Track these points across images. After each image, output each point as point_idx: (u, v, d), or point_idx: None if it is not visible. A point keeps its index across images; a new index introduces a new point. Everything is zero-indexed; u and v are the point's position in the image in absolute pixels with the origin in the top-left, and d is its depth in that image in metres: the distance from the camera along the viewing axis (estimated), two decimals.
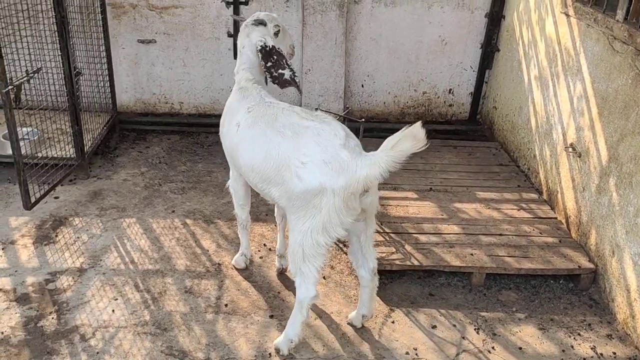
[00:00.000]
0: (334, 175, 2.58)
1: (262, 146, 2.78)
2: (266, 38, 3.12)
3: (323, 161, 2.60)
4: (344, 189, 2.58)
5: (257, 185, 2.93)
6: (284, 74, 3.14)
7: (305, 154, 2.63)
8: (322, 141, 2.64)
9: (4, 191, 4.17)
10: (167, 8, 5.08)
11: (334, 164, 2.58)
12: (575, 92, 3.89)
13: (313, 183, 2.60)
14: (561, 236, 3.80)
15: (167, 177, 4.53)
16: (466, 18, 5.32)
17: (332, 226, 2.65)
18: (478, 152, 5.01)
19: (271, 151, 2.74)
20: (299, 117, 2.77)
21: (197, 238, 3.81)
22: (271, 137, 2.75)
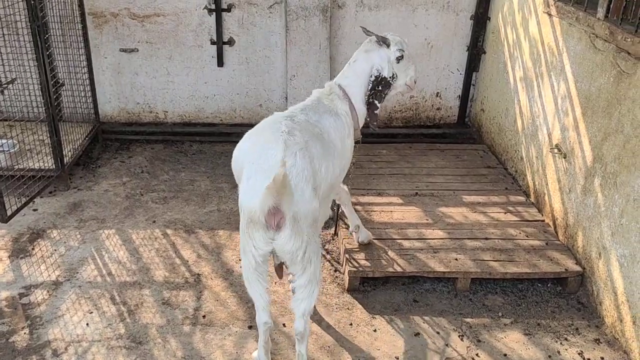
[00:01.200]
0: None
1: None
2: (384, 65, 3.11)
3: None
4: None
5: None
6: (376, 108, 3.14)
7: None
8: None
9: None
10: (149, 16, 5.04)
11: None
12: (559, 92, 3.82)
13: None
14: (548, 239, 3.72)
15: (149, 187, 4.46)
16: (451, 20, 5.27)
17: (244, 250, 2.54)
18: (465, 154, 4.94)
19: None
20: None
21: (177, 248, 3.74)
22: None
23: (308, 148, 2.56)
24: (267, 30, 5.16)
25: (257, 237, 2.40)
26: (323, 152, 2.68)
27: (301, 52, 5.15)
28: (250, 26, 5.14)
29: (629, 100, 3.06)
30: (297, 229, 2.39)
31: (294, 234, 2.39)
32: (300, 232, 2.40)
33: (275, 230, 2.37)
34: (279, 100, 5.42)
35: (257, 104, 5.45)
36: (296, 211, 2.36)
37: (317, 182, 2.55)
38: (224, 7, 5.03)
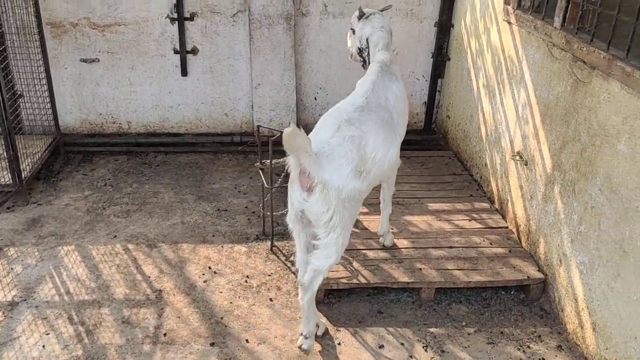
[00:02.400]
0: None
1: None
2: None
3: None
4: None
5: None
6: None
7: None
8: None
9: None
10: (110, 26, 4.95)
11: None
12: (520, 100, 3.86)
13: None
14: (511, 246, 3.75)
15: (112, 200, 4.38)
16: (415, 27, 5.29)
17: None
18: (431, 161, 4.96)
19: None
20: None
21: (139, 264, 3.67)
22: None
23: (364, 137, 2.87)
24: (231, 39, 5.11)
25: (294, 195, 2.81)
26: (385, 138, 3.00)
27: (266, 61, 5.11)
28: (213, 35, 5.08)
29: (585, 108, 3.09)
30: (325, 197, 2.72)
31: (321, 199, 2.73)
32: (327, 200, 2.73)
33: (307, 192, 2.74)
34: (244, 108, 5.38)
35: (223, 112, 5.39)
36: (327, 180, 2.70)
37: (365, 167, 2.86)
38: (187, 15, 4.97)
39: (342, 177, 2.74)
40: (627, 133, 2.73)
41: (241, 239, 3.98)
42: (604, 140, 2.92)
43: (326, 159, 2.71)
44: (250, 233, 4.05)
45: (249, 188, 4.67)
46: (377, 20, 3.50)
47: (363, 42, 3.52)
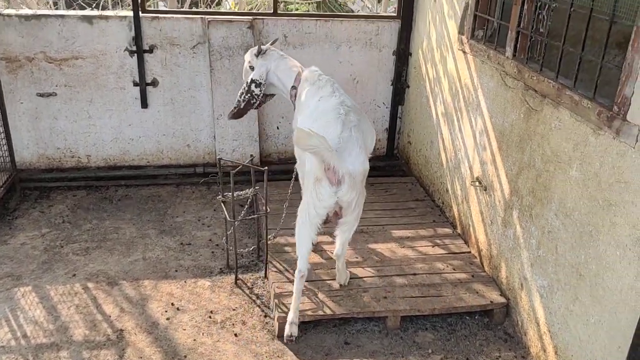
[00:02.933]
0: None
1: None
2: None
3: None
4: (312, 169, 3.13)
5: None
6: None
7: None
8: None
9: None
10: (67, 60, 4.88)
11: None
12: (477, 127, 3.95)
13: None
14: (474, 271, 3.79)
15: (70, 238, 4.27)
16: (375, 56, 5.38)
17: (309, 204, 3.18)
18: (394, 188, 5.01)
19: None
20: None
21: (99, 303, 3.57)
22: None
23: (360, 125, 3.28)
24: (191, 71, 5.10)
25: (325, 192, 3.09)
26: (367, 128, 3.42)
27: (227, 92, 5.11)
28: (174, 67, 5.07)
29: (539, 135, 3.18)
30: (353, 184, 3.09)
31: (350, 188, 3.08)
32: (355, 187, 3.11)
33: (337, 185, 3.05)
34: (207, 139, 5.35)
35: (185, 144, 5.35)
36: (351, 171, 3.04)
37: (367, 150, 3.29)
38: (146, 48, 4.95)
39: (360, 162, 3.14)
40: (578, 159, 2.82)
41: (205, 273, 3.92)
42: (557, 167, 3.00)
43: (345, 152, 3.08)
44: (214, 267, 4.00)
45: (212, 220, 4.62)
46: (275, 52, 4.06)
47: (263, 77, 3.96)
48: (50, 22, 4.77)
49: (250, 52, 4.08)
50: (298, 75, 3.88)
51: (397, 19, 5.28)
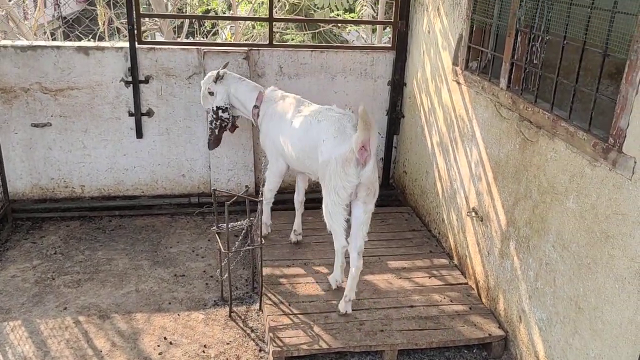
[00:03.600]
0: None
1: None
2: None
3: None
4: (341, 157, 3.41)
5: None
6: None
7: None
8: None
9: None
10: (62, 90, 4.89)
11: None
12: (472, 158, 3.94)
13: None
14: (472, 303, 3.75)
15: (62, 269, 4.21)
16: (370, 86, 5.41)
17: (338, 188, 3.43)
18: (391, 218, 4.98)
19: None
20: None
21: (90, 337, 3.50)
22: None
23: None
24: (187, 101, 5.11)
25: (351, 172, 3.38)
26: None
27: None
28: (169, 97, 5.08)
29: (535, 166, 3.18)
30: (374, 165, 3.44)
31: (373, 168, 3.42)
32: (375, 168, 3.47)
33: (362, 166, 3.37)
34: (202, 169, 5.33)
35: (180, 174, 5.33)
36: (373, 153, 3.36)
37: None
38: (142, 78, 4.96)
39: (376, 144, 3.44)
40: (575, 191, 2.81)
41: (199, 305, 3.86)
42: (554, 198, 2.99)
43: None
44: (208, 299, 3.94)
45: (207, 251, 4.57)
46: (232, 75, 4.35)
47: (226, 101, 4.29)
48: (46, 53, 4.79)
49: (209, 78, 4.30)
50: (259, 95, 4.26)
51: (392, 50, 5.33)
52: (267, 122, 4.18)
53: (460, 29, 4.15)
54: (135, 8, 4.77)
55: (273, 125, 4.12)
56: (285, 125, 4.01)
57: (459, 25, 4.16)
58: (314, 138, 3.71)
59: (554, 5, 3.10)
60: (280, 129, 4.05)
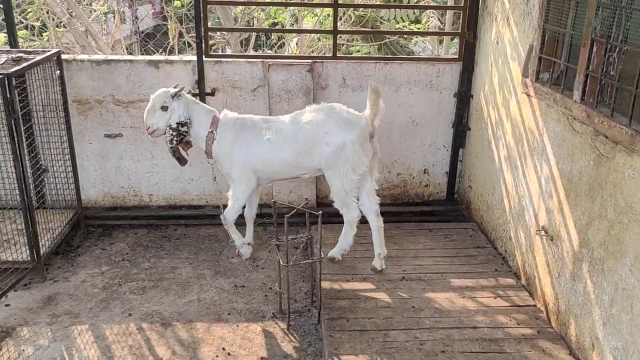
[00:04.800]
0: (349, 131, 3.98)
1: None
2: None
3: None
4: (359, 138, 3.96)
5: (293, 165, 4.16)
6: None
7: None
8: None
9: None
10: (133, 102, 5.07)
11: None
12: (542, 173, 3.76)
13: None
14: (540, 326, 3.55)
15: (128, 276, 4.33)
16: (435, 98, 5.30)
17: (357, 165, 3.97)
18: (455, 234, 4.83)
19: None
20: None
21: (152, 344, 3.57)
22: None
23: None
24: (251, 113, 5.16)
25: (367, 147, 4.02)
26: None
27: None
28: (234, 109, 5.10)
29: (610, 184, 2.98)
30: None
31: (375, 138, 4.11)
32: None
33: (372, 138, 4.07)
34: None
35: None
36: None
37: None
38: (208, 91, 5.07)
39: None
40: None
41: (257, 317, 3.87)
42: (632, 219, 2.79)
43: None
44: (267, 311, 3.94)
45: (267, 262, 4.59)
46: (188, 96, 4.29)
47: (186, 116, 4.17)
48: (120, 67, 4.99)
49: (164, 93, 4.16)
50: (214, 118, 4.22)
51: (459, 61, 5.20)
52: (229, 144, 4.18)
53: (530, 39, 3.98)
54: (203, 22, 4.89)
55: (240, 146, 4.16)
56: (260, 141, 4.13)
57: (530, 35, 4.00)
58: (309, 138, 4.02)
59: (632, 14, 2.92)
60: (253, 147, 4.14)
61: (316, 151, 4.04)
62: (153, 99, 4.18)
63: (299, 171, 4.22)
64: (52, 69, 4.54)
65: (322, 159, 4.04)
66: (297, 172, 4.25)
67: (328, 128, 4.00)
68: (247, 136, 4.16)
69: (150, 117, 4.20)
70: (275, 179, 4.46)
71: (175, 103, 4.14)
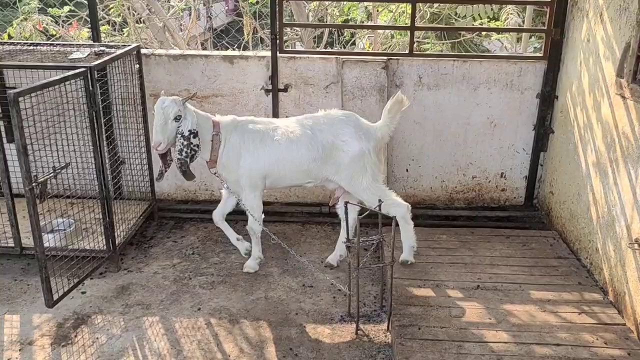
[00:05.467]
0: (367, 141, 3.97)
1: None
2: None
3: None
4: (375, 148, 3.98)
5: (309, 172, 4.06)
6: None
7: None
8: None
9: (34, 285, 4.12)
10: (208, 97, 5.11)
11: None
12: (638, 182, 3.47)
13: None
14: (630, 348, 3.28)
15: (198, 270, 4.36)
16: (516, 99, 5.04)
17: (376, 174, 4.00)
18: (533, 242, 4.57)
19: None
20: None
21: (220, 341, 3.56)
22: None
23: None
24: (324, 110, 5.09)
25: (382, 158, 4.17)
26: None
27: None
28: (306, 106, 5.10)
29: None
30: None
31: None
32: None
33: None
34: None
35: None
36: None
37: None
38: (281, 87, 5.04)
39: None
40: None
41: (325, 319, 3.79)
42: None
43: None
44: (335, 313, 3.85)
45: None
46: (187, 103, 3.94)
47: (195, 122, 3.85)
48: (195, 62, 5.03)
49: (176, 102, 3.78)
50: (215, 123, 3.99)
51: (543, 60, 4.91)
52: (236, 150, 3.96)
53: (627, 36, 3.69)
54: (278, 18, 4.86)
55: (247, 149, 3.96)
56: (268, 142, 3.96)
57: (627, 33, 3.70)
58: (326, 145, 3.95)
59: None
60: (261, 149, 3.96)
61: (333, 159, 3.96)
62: (164, 110, 3.75)
63: (307, 179, 4.11)
64: (131, 63, 4.63)
65: (339, 168, 3.97)
66: (304, 180, 4.12)
67: (347, 136, 3.93)
68: (254, 137, 3.97)
69: (162, 132, 3.76)
70: (278, 186, 4.27)
71: (186, 110, 3.83)
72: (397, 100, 3.95)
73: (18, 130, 3.23)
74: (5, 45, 4.72)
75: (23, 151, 3.30)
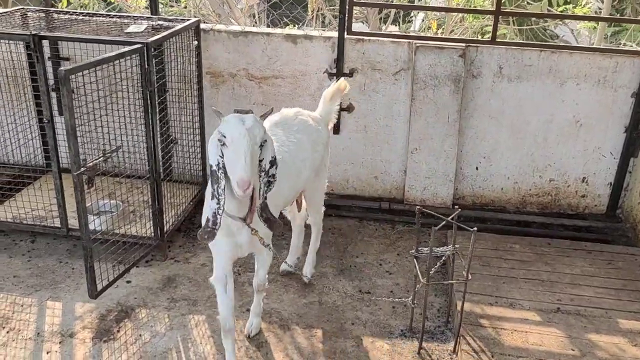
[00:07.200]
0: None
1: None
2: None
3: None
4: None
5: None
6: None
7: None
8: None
9: (78, 269, 3.93)
10: (267, 78, 4.78)
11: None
12: None
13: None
14: None
15: (248, 265, 4.09)
16: (608, 97, 4.51)
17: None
18: (620, 260, 4.08)
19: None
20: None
21: (269, 348, 3.28)
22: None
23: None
24: (390, 98, 4.70)
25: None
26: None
27: (427, 124, 4.62)
28: (372, 93, 4.71)
29: None
30: None
31: None
32: None
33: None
34: (396, 173, 4.91)
35: (372, 175, 4.96)
36: None
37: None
38: (346, 71, 4.65)
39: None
40: None
41: (384, 333, 3.45)
42: None
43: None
44: (395, 326, 3.51)
45: (395, 267, 4.15)
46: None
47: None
48: (256, 40, 4.69)
49: (259, 121, 2.64)
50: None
51: None
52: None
53: None
54: None
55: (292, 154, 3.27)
56: (296, 144, 3.35)
57: None
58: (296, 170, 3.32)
59: None
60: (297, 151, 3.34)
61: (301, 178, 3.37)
62: (249, 133, 2.52)
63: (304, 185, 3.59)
64: (190, 39, 4.34)
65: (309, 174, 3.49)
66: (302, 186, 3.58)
67: (305, 154, 3.39)
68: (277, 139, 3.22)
69: (253, 164, 2.52)
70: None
71: (266, 132, 2.68)
72: (338, 87, 3.67)
73: (68, 111, 2.98)
74: (62, 14, 4.51)
75: (72, 133, 3.06)
